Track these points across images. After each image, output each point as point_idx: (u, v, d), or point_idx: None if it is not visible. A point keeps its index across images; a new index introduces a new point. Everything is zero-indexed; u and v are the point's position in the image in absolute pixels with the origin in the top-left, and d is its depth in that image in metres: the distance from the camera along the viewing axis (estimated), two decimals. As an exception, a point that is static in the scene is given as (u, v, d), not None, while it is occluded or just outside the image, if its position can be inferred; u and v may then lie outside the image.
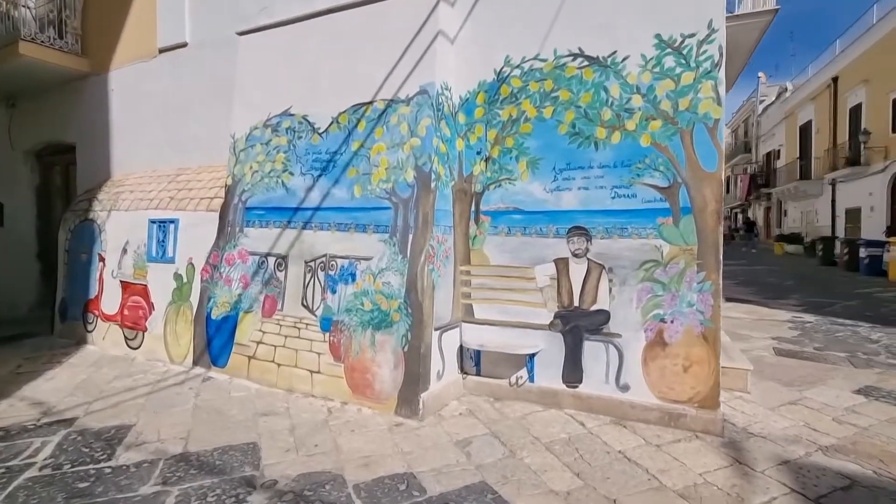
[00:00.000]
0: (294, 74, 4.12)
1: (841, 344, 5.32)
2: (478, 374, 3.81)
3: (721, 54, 2.94)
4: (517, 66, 3.54)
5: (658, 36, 3.08)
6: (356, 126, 3.77)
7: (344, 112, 3.83)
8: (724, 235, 4.92)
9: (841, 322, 6.59)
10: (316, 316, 3.80)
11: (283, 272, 4.01)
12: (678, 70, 3.04)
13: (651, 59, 3.11)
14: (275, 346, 3.97)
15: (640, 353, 3.23)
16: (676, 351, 3.12)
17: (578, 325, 3.41)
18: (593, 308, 3.36)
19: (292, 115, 4.10)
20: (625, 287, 3.25)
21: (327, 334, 3.73)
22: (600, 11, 3.26)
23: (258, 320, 4.09)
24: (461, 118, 3.79)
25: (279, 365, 3.93)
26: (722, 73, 2.94)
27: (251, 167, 4.29)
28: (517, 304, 3.62)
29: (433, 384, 3.40)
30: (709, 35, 2.96)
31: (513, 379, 3.66)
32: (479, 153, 3.74)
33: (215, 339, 4.30)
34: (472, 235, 3.79)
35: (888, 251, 10.63)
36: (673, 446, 2.90)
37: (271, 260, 4.09)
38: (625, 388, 3.27)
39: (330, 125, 3.89)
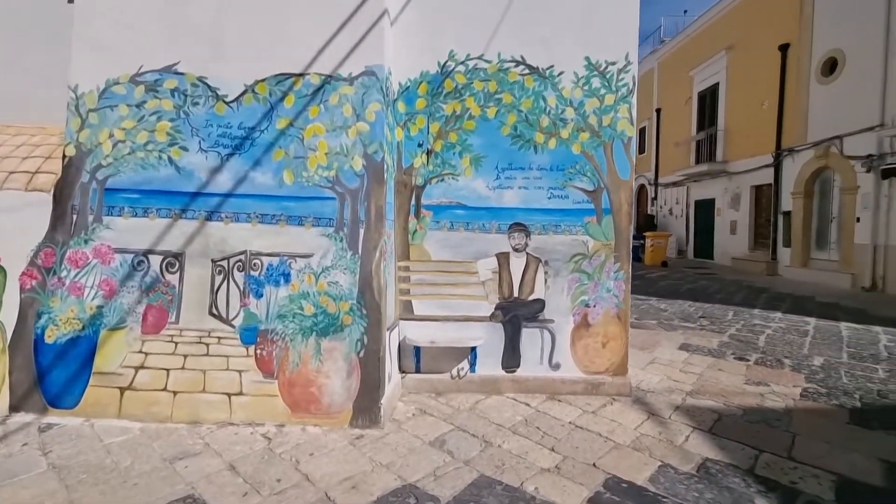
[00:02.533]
0: (184, 18, 3.23)
1: (647, 314, 7.03)
2: (417, 371, 3.74)
3: (634, 83, 3.57)
4: (462, 63, 3.57)
5: (588, 59, 3.55)
6: (282, 100, 3.20)
7: (263, 81, 3.20)
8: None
9: (634, 296, 8.66)
10: (233, 327, 3.13)
11: (178, 274, 3.16)
12: (602, 91, 3.56)
13: (582, 77, 3.56)
14: (167, 370, 3.12)
15: (569, 334, 3.70)
16: (597, 330, 3.69)
17: (517, 315, 3.69)
18: (531, 298, 3.68)
19: (181, 73, 3.22)
20: (558, 278, 3.66)
21: (252, 347, 3.12)
22: (542, 26, 3.55)
23: (135, 339, 3.13)
24: (401, 107, 3.62)
25: (175, 393, 3.10)
26: (634, 99, 3.58)
27: (111, 135, 3.21)
28: (459, 297, 3.69)
29: (386, 388, 3.21)
30: (626, 66, 3.55)
31: (454, 372, 3.73)
32: (420, 145, 3.64)
33: (54, 372, 3.11)
34: (412, 230, 3.69)
35: (644, 243, 14.40)
36: (603, 410, 3.45)
37: (155, 259, 3.17)
38: (556, 367, 3.71)
39: (243, 94, 3.21)
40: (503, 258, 3.67)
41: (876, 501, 2.37)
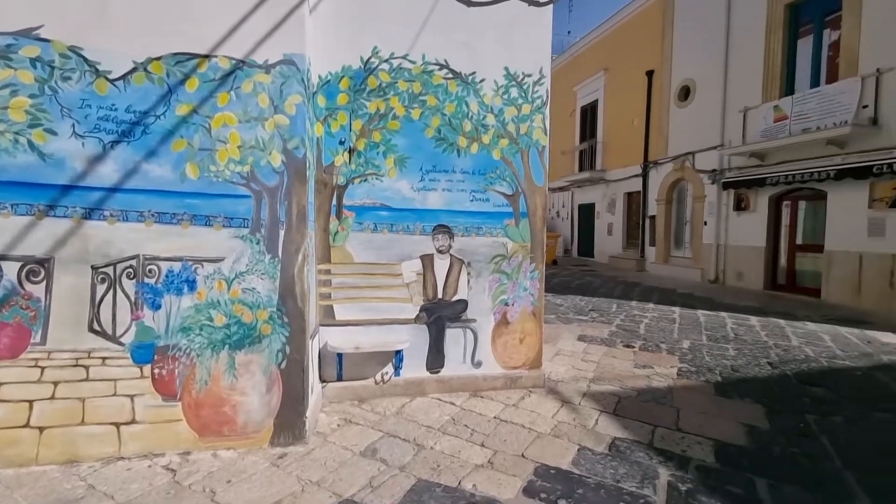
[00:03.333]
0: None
1: (546, 309, 7.56)
2: (339, 378, 3.58)
3: (547, 96, 3.83)
4: (386, 61, 3.49)
5: (507, 69, 3.72)
6: (183, 83, 2.81)
7: (159, 59, 2.78)
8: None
9: (533, 293, 9.30)
10: (122, 345, 2.67)
11: (43, 284, 2.60)
12: (520, 101, 3.76)
13: (502, 86, 3.72)
14: (30, 402, 2.55)
15: (490, 333, 3.84)
16: (515, 327, 3.89)
17: (442, 316, 3.73)
18: (455, 298, 3.75)
19: (46, 40, 2.65)
20: (480, 278, 3.78)
21: (147, 367, 2.69)
22: (464, 32, 3.61)
23: (-19, 365, 2.51)
24: (321, 101, 3.41)
25: (42, 429, 2.56)
26: (547, 111, 3.84)
27: (-60, 109, 2.53)
28: (384, 301, 3.61)
29: (310, 400, 3.02)
30: (540, 79, 3.79)
31: (378, 377, 3.64)
32: (342, 143, 3.48)
33: None
34: (334, 231, 3.51)
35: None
36: (523, 403, 3.65)
37: (10, 267, 2.57)
38: (478, 365, 3.83)
39: (132, 72, 2.75)
40: (428, 260, 3.67)
41: (742, 458, 2.86)
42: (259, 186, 2.88)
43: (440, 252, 3.69)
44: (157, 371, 2.70)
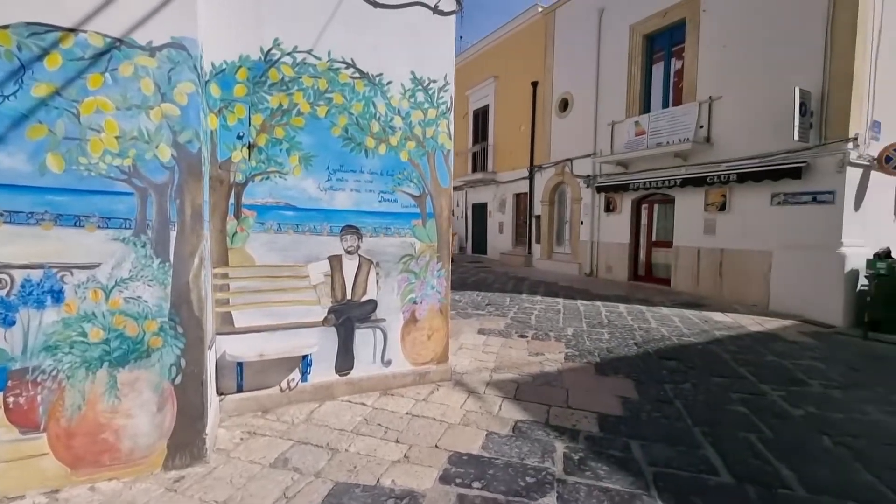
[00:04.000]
0: None
1: (446, 305, 7.87)
2: (239, 390, 3.35)
3: (452, 102, 4.00)
4: (289, 54, 3.34)
5: (413, 73, 3.80)
6: (41, 59, 2.40)
7: (6, 28, 2.34)
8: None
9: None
10: (-39, 370, 2.20)
11: None
12: (426, 105, 3.87)
13: (409, 90, 3.79)
14: None
15: (399, 331, 3.91)
16: (424, 325, 4.01)
17: (351, 317, 3.69)
18: (364, 299, 3.74)
19: None
20: (389, 278, 3.82)
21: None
22: (372, 33, 3.61)
23: None
24: (215, 91, 3.14)
25: None
26: (452, 116, 4.01)
27: None
28: (289, 304, 3.46)
29: (209, 415, 2.80)
30: (445, 85, 3.95)
31: (284, 384, 3.49)
32: (240, 137, 3.24)
33: None
34: (231, 232, 3.26)
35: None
36: (432, 396, 3.79)
37: None
38: (388, 363, 3.87)
39: (-33, 41, 2.28)
40: (336, 261, 3.61)
41: (620, 425, 3.33)
42: (144, 183, 2.57)
43: (349, 253, 3.65)
44: (11, 399, 2.28)
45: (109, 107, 2.52)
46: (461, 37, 26.15)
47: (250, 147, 3.28)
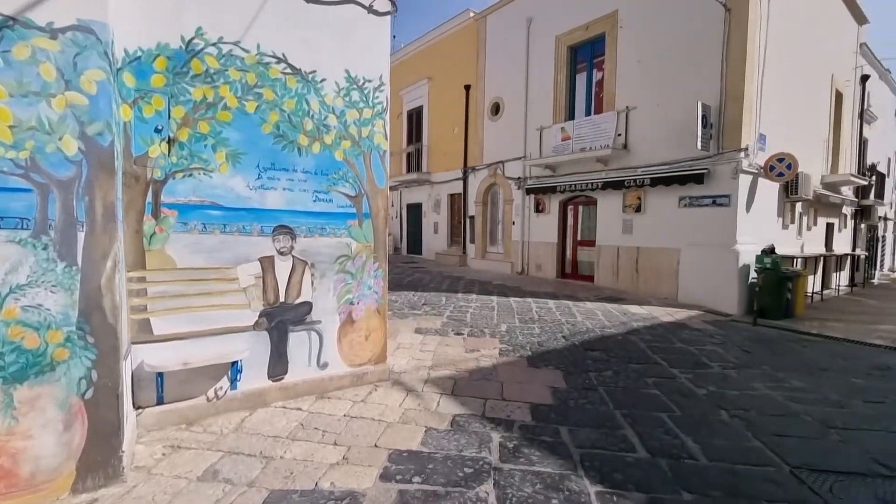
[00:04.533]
0: None
1: (383, 305, 7.82)
2: (160, 402, 3.12)
3: (387, 102, 4.00)
4: (214, 45, 3.16)
5: (348, 72, 3.76)
6: (-90, 34, 2.09)
7: None
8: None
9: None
10: None
11: None
12: (361, 105, 3.85)
13: (343, 88, 3.74)
14: None
15: (335, 333, 3.85)
16: (361, 325, 3.98)
17: (284, 320, 3.58)
18: (298, 301, 3.63)
19: None
20: (324, 279, 3.75)
21: None
22: (304, 29, 3.51)
23: None
24: (128, 80, 2.90)
25: None
26: (388, 117, 4.02)
27: None
28: (216, 308, 3.28)
29: (125, 431, 2.59)
30: (380, 85, 3.95)
31: (211, 393, 3.30)
32: (158, 131, 3.02)
33: None
34: (149, 233, 3.03)
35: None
36: (371, 397, 3.77)
37: None
38: (325, 366, 3.80)
39: None
40: (267, 262, 3.48)
41: (551, 413, 3.54)
42: (45, 178, 2.33)
43: (281, 254, 3.53)
44: None
45: (1, 93, 2.25)
46: (394, 36, 26.01)
47: (170, 141, 3.06)
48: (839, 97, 12.17)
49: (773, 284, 7.71)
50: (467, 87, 14.26)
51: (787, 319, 7.65)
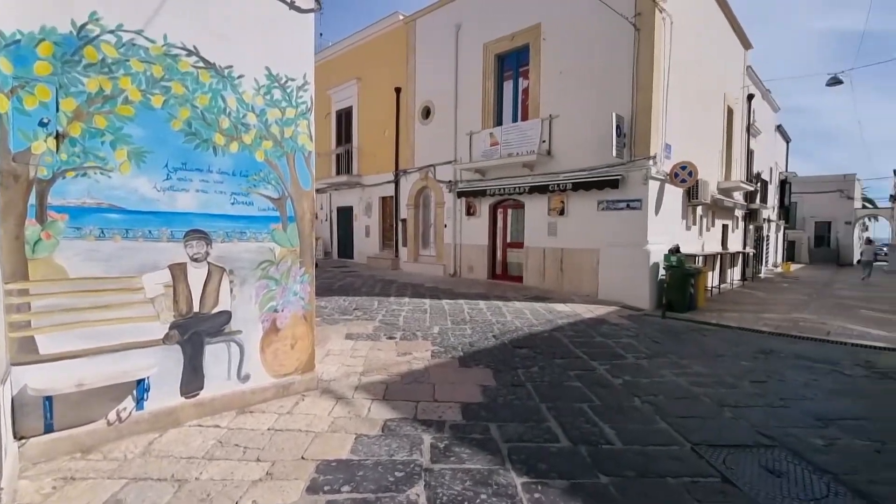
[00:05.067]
0: None
1: (312, 312, 7.54)
2: (49, 430, 2.77)
3: (312, 102, 3.88)
4: (112, 32, 2.87)
5: (268, 69, 3.59)
6: None
7: None
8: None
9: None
10: None
11: None
12: (284, 104, 3.69)
13: (263, 86, 3.57)
14: None
15: (258, 343, 3.65)
16: (286, 333, 3.81)
17: (199, 331, 3.33)
18: (215, 310, 3.40)
19: None
20: (245, 286, 3.54)
21: None
22: (220, 21, 3.30)
23: None
24: (5, 66, 2.55)
25: None
26: (313, 116, 3.90)
27: None
28: (117, 322, 2.97)
29: (4, 466, 2.27)
30: (304, 84, 3.82)
31: (112, 416, 2.99)
32: (44, 125, 2.68)
33: None
34: (34, 239, 2.68)
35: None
36: (297, 408, 3.62)
37: None
38: (246, 379, 3.59)
39: None
40: (179, 270, 3.22)
41: (481, 411, 3.62)
42: None
43: (195, 260, 3.29)
44: None
45: None
46: (321, 34, 25.32)
47: (59, 137, 2.74)
48: (730, 113, 13.72)
49: (679, 280, 8.50)
50: (398, 90, 14.23)
51: (690, 312, 8.47)
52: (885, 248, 27.44)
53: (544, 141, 10.40)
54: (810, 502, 2.52)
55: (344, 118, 16.91)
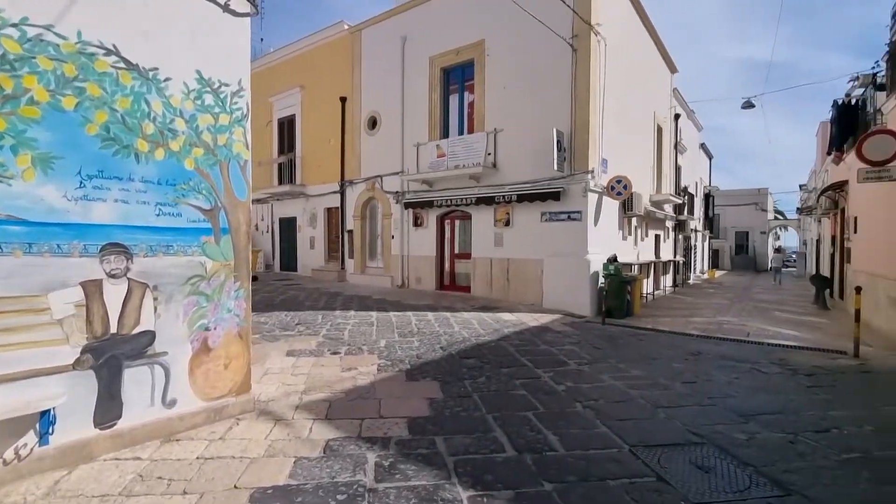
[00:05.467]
0: None
1: (251, 328, 7.14)
2: (-72, 475, 2.39)
3: (248, 109, 3.71)
4: (14, 26, 2.59)
5: (199, 73, 3.40)
6: None
7: None
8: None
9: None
10: None
11: None
12: (217, 110, 3.50)
13: (194, 90, 3.37)
14: None
15: (186, 364, 3.39)
16: (219, 353, 3.57)
17: (117, 354, 3.04)
18: (137, 331, 3.12)
19: None
20: (171, 303, 3.29)
21: None
22: (145, 20, 3.08)
23: None
24: None
25: None
26: (248, 124, 3.72)
27: None
28: (17, 347, 2.64)
29: None
30: (239, 90, 3.64)
31: (9, 453, 2.64)
32: (-74, 125, 2.36)
33: None
34: (-89, 255, 2.33)
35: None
36: (231, 433, 3.39)
37: None
38: (172, 404, 3.31)
39: None
40: (93, 287, 2.93)
41: (427, 425, 3.57)
42: None
43: (113, 276, 3.01)
44: None
45: None
46: (262, 39, 24.61)
47: (-54, 139, 2.42)
48: (660, 131, 14.75)
49: (617, 288, 8.93)
50: (343, 99, 14.04)
51: (628, 318, 8.90)
52: (793, 256, 30.54)
53: (490, 153, 10.63)
54: (735, 494, 2.69)
55: (287, 126, 16.40)
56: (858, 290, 6.32)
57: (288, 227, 16.58)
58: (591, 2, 9.31)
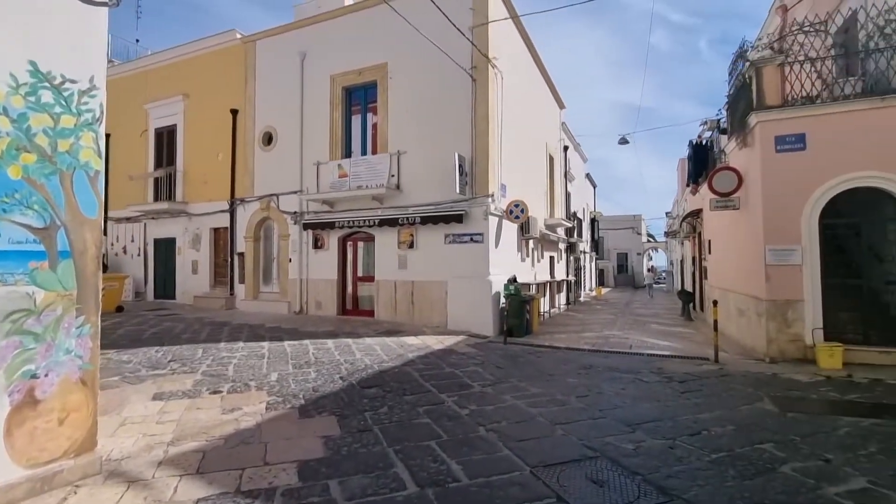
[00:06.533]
0: None
1: (107, 370, 5.93)
2: None
3: (102, 112, 3.15)
4: None
5: (34, 64, 2.79)
6: None
7: None
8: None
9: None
10: None
11: None
12: (58, 110, 2.90)
13: (25, 84, 2.75)
14: None
15: (2, 424, 2.66)
16: (52, 405, 2.88)
17: None
18: (-78, 386, 2.37)
19: None
20: (-19, 347, 2.58)
21: None
22: (-53, -10, 2.47)
23: None
24: None
25: None
26: (102, 130, 3.16)
27: None
28: None
29: None
30: (91, 89, 3.08)
31: None
32: None
33: None
34: None
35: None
36: (66, 506, 2.72)
37: None
38: (-22, 477, 2.56)
39: None
40: None
41: (321, 468, 3.21)
42: None
43: None
44: None
45: None
46: (137, 40, 22.22)
47: None
48: (552, 160, 15.98)
49: (517, 307, 9.27)
50: (234, 112, 13.04)
51: (528, 335, 9.26)
52: (664, 274, 34.98)
53: (393, 175, 10.55)
54: (627, 507, 2.78)
55: (166, 137, 14.73)
56: (715, 303, 7.29)
57: (165, 250, 14.71)
58: (489, 37, 9.86)
